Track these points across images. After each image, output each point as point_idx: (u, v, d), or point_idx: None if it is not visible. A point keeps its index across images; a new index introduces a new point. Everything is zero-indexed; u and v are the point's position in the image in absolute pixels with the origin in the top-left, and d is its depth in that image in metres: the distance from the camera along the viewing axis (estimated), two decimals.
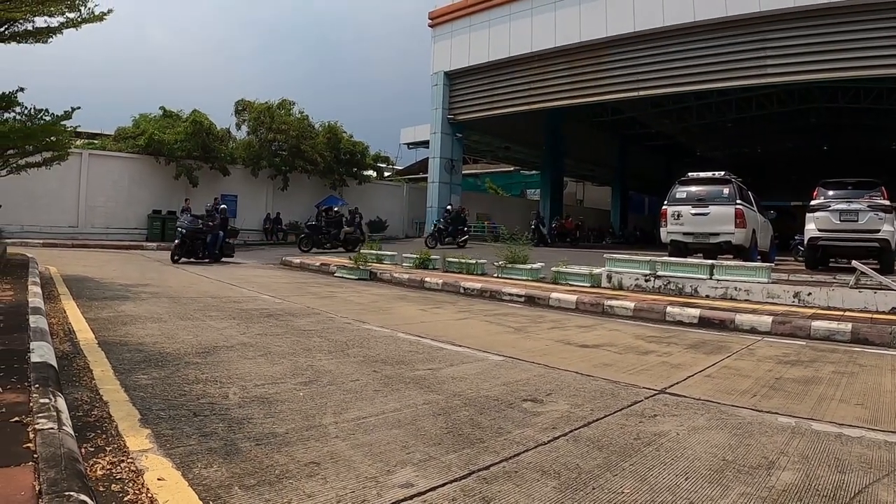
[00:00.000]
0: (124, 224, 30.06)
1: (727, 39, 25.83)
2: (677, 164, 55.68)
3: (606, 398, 5.31)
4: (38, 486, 2.70)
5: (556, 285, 13.89)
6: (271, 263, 21.42)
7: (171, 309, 9.65)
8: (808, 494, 3.38)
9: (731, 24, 25.45)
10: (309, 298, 11.89)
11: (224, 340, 7.27)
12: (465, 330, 8.92)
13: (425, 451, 3.89)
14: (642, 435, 4.35)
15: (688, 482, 3.52)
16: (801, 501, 3.29)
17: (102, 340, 6.84)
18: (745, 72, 25.91)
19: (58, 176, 24.41)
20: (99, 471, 3.31)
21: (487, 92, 35.69)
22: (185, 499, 3.06)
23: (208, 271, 16.64)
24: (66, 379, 5.06)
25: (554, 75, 32.01)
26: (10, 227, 21.91)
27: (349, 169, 38.03)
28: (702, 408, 5.07)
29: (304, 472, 3.47)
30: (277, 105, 35.94)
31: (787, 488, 3.46)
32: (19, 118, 14.42)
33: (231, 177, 33.64)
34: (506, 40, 33.49)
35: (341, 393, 5.17)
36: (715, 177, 16.93)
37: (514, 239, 17.36)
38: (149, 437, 3.87)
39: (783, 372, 6.53)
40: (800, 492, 3.41)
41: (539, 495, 3.30)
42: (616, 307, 11.10)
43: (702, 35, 26.45)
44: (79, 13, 13.26)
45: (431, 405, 4.93)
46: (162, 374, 5.49)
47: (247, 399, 4.85)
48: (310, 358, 6.51)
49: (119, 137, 32.48)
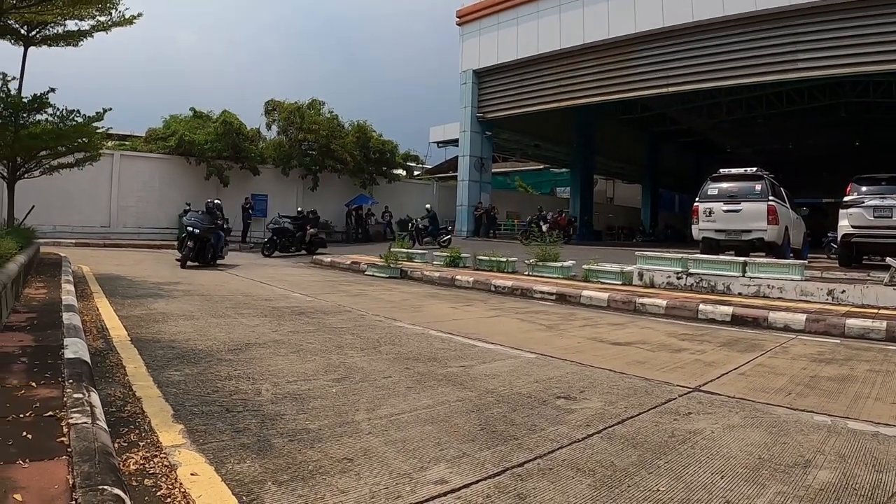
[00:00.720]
0: (155, 224, 30.29)
1: (757, 34, 25.48)
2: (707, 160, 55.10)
3: (640, 396, 5.25)
4: (71, 480, 2.69)
5: (587, 283, 13.80)
6: (301, 262, 21.49)
7: (202, 306, 9.70)
8: (846, 494, 3.31)
9: (761, 18, 25.10)
10: (340, 296, 11.90)
11: (256, 338, 7.28)
12: (497, 327, 8.88)
13: (459, 447, 3.85)
14: (677, 433, 4.29)
15: (724, 480, 3.46)
16: (838, 501, 3.22)
17: (135, 337, 6.89)
18: (776, 66, 25.54)
19: (90, 177, 24.68)
20: (132, 465, 3.31)
21: (516, 90, 35.54)
22: (218, 494, 3.05)
23: (238, 270, 16.72)
24: (100, 375, 5.08)
25: (583, 72, 31.80)
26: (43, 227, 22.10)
27: (379, 168, 38.04)
28: (736, 406, 4.98)
29: (337, 468, 3.45)
30: (307, 105, 36.01)
31: (824, 487, 3.38)
32: (51, 120, 14.58)
33: (261, 176, 33.77)
34: (534, 38, 33.32)
35: (374, 390, 5.15)
36: (747, 173, 16.70)
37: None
38: (182, 433, 3.87)
39: (818, 370, 6.42)
40: (837, 491, 3.34)
41: (574, 493, 3.25)
42: (648, 305, 10.99)
43: (731, 30, 26.13)
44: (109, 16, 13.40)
45: (464, 402, 4.89)
46: (194, 370, 5.51)
47: (279, 395, 4.84)
48: (342, 355, 6.50)
49: (150, 138, 32.73)
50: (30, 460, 2.92)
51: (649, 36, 28.64)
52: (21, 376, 4.36)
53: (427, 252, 19.62)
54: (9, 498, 2.51)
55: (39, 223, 19.60)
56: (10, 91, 13.78)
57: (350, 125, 37.24)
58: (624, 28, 29.25)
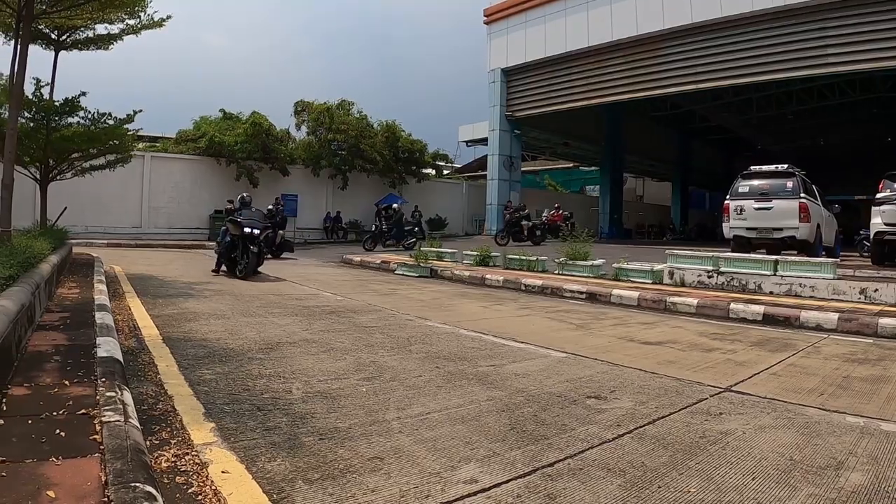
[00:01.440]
0: (186, 224, 30.57)
1: (786, 29, 25.18)
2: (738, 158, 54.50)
3: (671, 396, 5.20)
4: (104, 477, 2.72)
5: (617, 282, 13.70)
6: (332, 261, 21.56)
7: (233, 306, 9.76)
8: (878, 496, 3.25)
9: (789, 13, 24.81)
10: (370, 295, 11.92)
11: (287, 337, 7.31)
12: (527, 326, 8.85)
13: (489, 447, 3.84)
14: (708, 433, 4.24)
15: (755, 482, 3.42)
16: (870, 503, 3.17)
17: (167, 336, 6.94)
18: (806, 61, 25.23)
19: (121, 178, 24.92)
20: (164, 463, 3.33)
21: (545, 88, 35.43)
22: (249, 492, 3.06)
23: (269, 269, 16.81)
24: (132, 374, 5.12)
25: (611, 70, 31.65)
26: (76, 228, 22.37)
27: (408, 167, 38.08)
28: (768, 406, 4.92)
29: (367, 466, 3.45)
30: (336, 105, 36.15)
31: (857, 490, 3.33)
32: (83, 122, 14.75)
33: (291, 177, 33.94)
34: (562, 35, 33.21)
35: (404, 389, 5.15)
36: (778, 170, 16.53)
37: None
38: (213, 431, 3.89)
39: (850, 370, 6.32)
40: (869, 493, 3.28)
41: (604, 493, 3.23)
42: (679, 304, 10.90)
43: (760, 25, 25.84)
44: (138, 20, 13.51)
45: (495, 401, 4.87)
46: (226, 369, 5.54)
47: (310, 394, 4.85)
48: (372, 354, 6.51)
49: (180, 140, 33.04)
50: (63, 457, 2.95)
51: (677, 32, 28.44)
52: (54, 375, 4.40)
53: (457, 251, 19.57)
54: (42, 494, 2.53)
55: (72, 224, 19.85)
56: (43, 95, 13.95)
57: (379, 125, 37.33)
58: (652, 25, 29.06)
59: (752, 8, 25.52)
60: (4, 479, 2.66)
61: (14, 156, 9.20)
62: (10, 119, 9.21)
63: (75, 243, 16.97)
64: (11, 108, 9.32)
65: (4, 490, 2.55)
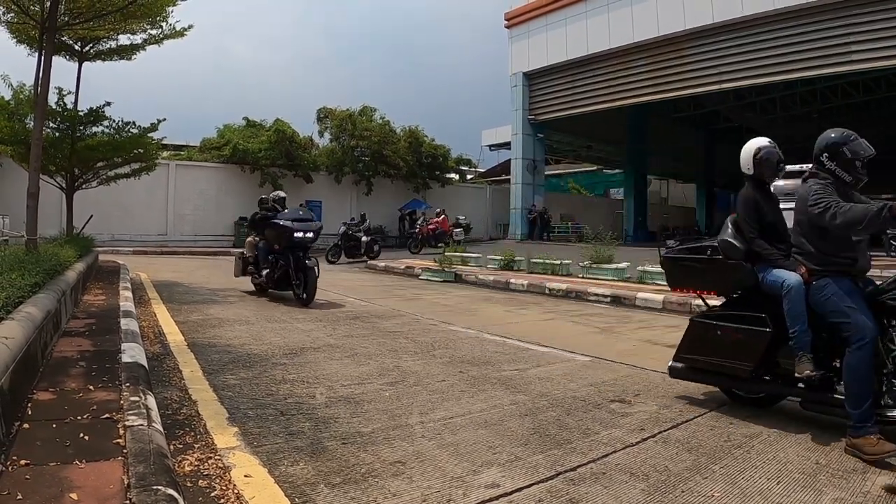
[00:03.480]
0: (212, 231, 30.73)
1: (809, 26, 24.89)
2: None
3: (695, 399, 5.15)
4: (126, 480, 2.73)
5: (642, 285, 13.60)
6: (356, 267, 21.61)
7: (257, 312, 9.80)
8: None
9: (812, 10, 24.52)
10: (394, 301, 11.93)
11: (311, 342, 7.34)
12: (551, 331, 8.81)
13: (512, 451, 3.83)
14: (732, 437, 4.22)
15: (780, 486, 3.40)
16: None
17: (192, 342, 6.99)
18: (830, 59, 24.90)
19: (146, 186, 25.08)
20: (187, 467, 3.35)
21: (567, 91, 35.28)
22: (271, 495, 3.07)
23: None
24: (157, 379, 5.16)
25: (633, 71, 31.44)
26: (102, 236, 22.52)
27: (431, 172, 38.03)
28: (793, 410, 4.85)
29: (389, 471, 3.45)
30: (359, 112, 36.24)
31: (882, 493, 3.30)
32: (107, 132, 14.88)
33: (315, 183, 34.03)
34: (583, 38, 33.05)
35: (427, 393, 5.15)
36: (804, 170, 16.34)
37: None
38: (236, 435, 3.91)
39: None
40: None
41: (627, 498, 3.22)
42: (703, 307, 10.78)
43: (782, 23, 25.57)
44: (160, 30, 13.61)
45: (518, 406, 4.86)
46: (249, 374, 5.56)
47: (333, 399, 4.86)
48: (396, 359, 6.52)
49: (204, 148, 33.27)
50: (86, 461, 2.97)
51: (699, 32, 28.22)
52: (79, 380, 4.44)
53: (481, 255, 19.54)
54: (65, 497, 2.55)
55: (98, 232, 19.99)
56: (67, 105, 14.10)
57: (402, 130, 37.38)
58: (674, 25, 28.86)
59: (773, 6, 25.27)
60: (28, 482, 2.68)
61: (39, 165, 9.29)
62: (36, 129, 9.30)
63: (101, 251, 17.14)
64: (37, 118, 9.41)
65: (29, 492, 2.57)
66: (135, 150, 15.43)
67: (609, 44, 31.69)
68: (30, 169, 9.15)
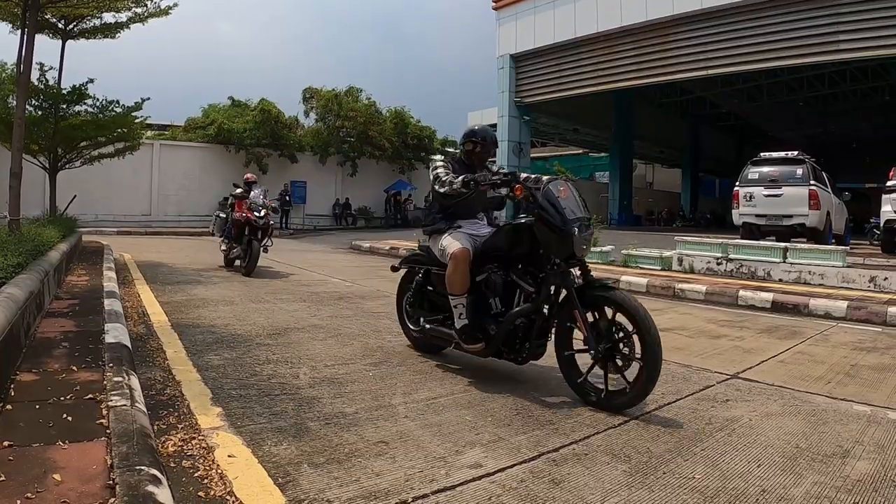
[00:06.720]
0: (196, 211, 30.59)
1: (797, 14, 24.87)
2: (748, 145, 54.01)
3: (678, 382, 5.20)
4: (109, 460, 2.74)
5: (626, 268, 13.66)
6: (341, 248, 21.57)
7: (242, 292, 9.78)
8: (884, 484, 3.26)
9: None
10: (378, 281, 11.91)
11: (295, 322, 7.34)
12: None
13: (494, 431, 3.85)
14: (714, 420, 4.26)
15: (760, 469, 3.43)
16: (876, 492, 3.17)
17: (175, 323, 6.97)
18: (817, 48, 24.92)
19: (131, 166, 25.01)
20: (170, 447, 3.35)
21: (554, 74, 35.18)
22: (255, 475, 3.08)
23: (278, 256, 16.82)
24: (140, 359, 5.15)
25: (620, 55, 31.37)
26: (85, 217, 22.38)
27: (417, 153, 38.05)
28: (775, 393, 4.93)
29: (372, 451, 3.46)
30: (345, 92, 36.12)
31: (862, 478, 3.34)
32: (91, 110, 14.77)
33: (300, 164, 33.99)
34: (571, 21, 32.94)
35: (411, 374, 5.17)
36: (788, 157, 16.41)
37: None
38: (220, 416, 3.91)
39: (858, 358, 6.30)
40: (875, 482, 3.29)
41: (609, 478, 3.24)
42: (687, 290, 10.87)
43: (770, 10, 25.53)
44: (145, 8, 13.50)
45: (500, 386, 4.88)
46: (233, 354, 5.56)
47: (317, 379, 4.87)
48: (380, 339, 6.53)
49: (189, 128, 33.16)
50: (69, 441, 2.98)
51: (687, 18, 28.16)
52: (62, 361, 4.43)
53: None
54: (48, 477, 2.55)
55: (81, 212, 19.91)
56: (49, 80, 13.98)
57: (388, 111, 37.29)
58: (661, 10, 28.78)
59: None
60: (12, 463, 2.68)
61: (22, 144, 9.22)
62: (18, 108, 9.23)
63: (85, 231, 17.01)
64: (19, 97, 9.34)
65: (12, 473, 2.57)
66: (119, 130, 15.35)
67: (597, 27, 31.56)
68: (12, 148, 9.09)
